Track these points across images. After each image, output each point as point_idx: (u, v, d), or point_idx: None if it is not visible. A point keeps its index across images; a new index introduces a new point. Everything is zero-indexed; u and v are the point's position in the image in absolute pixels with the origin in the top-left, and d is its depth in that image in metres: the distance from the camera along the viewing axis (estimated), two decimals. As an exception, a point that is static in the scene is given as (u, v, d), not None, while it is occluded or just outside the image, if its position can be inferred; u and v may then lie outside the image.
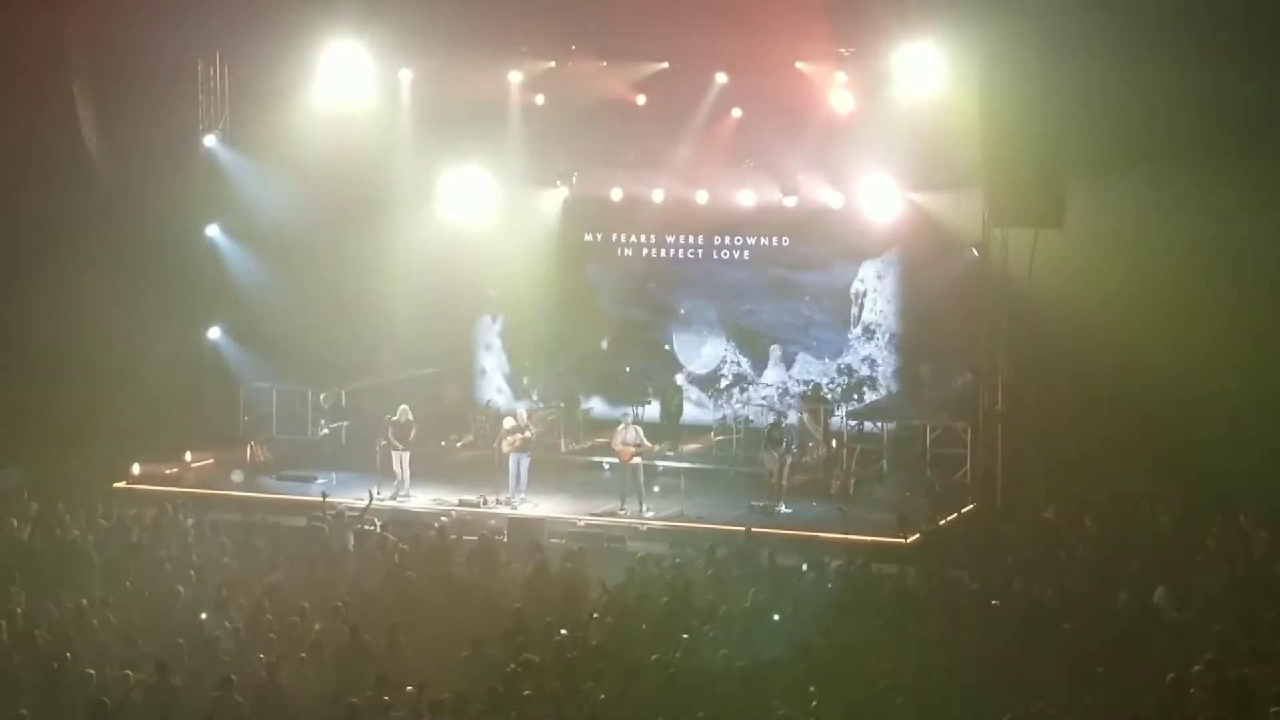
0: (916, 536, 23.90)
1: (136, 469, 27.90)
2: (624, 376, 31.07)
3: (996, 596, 19.63)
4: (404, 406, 27.21)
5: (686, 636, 17.93)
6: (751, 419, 29.27)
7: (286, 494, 27.15)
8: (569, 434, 30.23)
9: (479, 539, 22.80)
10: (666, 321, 31.43)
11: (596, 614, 19.04)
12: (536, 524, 24.75)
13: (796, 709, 15.83)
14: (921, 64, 26.03)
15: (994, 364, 26.63)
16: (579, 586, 20.35)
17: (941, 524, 24.73)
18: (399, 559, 21.53)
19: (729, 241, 30.81)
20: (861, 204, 28.98)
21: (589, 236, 31.63)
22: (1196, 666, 16.47)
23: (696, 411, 30.68)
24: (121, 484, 27.44)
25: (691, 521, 25.46)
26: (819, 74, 27.83)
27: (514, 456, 26.50)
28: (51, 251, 28.72)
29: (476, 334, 32.52)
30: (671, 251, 31.28)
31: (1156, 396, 25.05)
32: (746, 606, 18.98)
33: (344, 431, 30.19)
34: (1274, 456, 24.08)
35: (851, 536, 23.57)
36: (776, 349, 30.69)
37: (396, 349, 31.21)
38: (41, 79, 28.71)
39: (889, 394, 29.94)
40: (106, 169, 29.44)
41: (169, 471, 28.30)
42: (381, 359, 31.23)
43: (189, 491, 26.65)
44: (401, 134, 29.90)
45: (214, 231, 30.78)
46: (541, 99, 30.06)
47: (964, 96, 25.67)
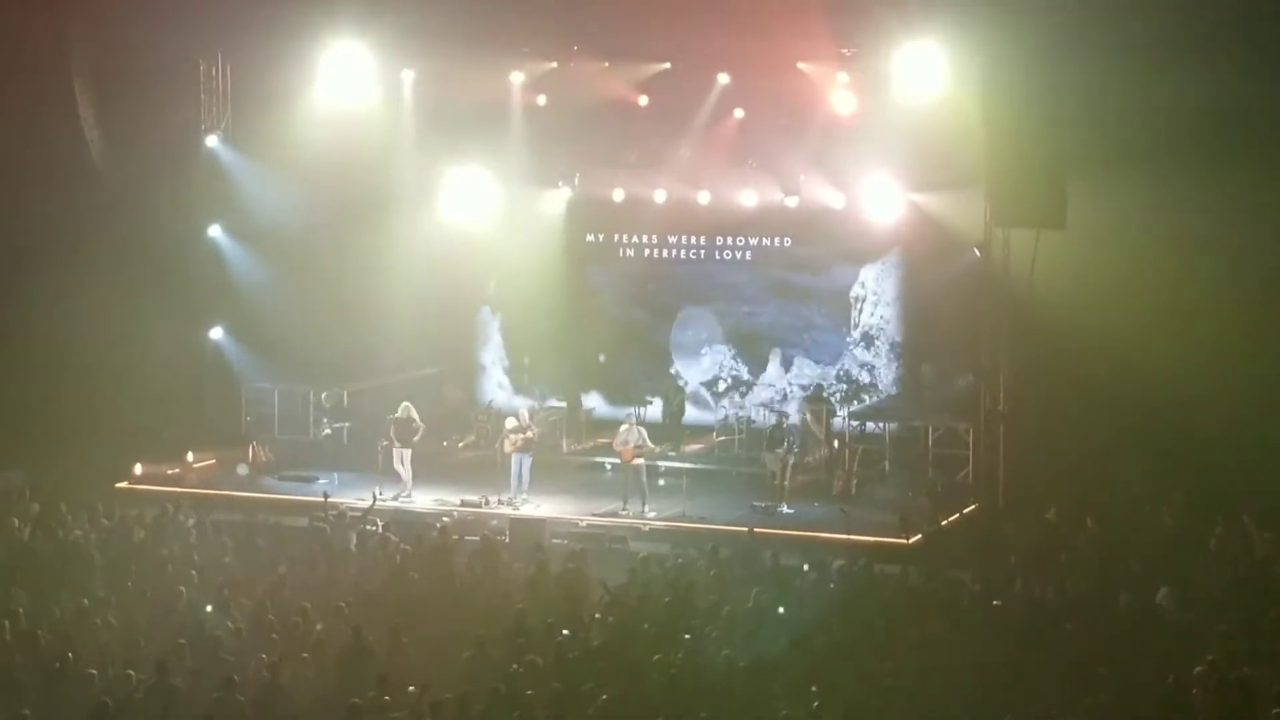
0: (918, 537, 23.87)
1: (138, 469, 27.88)
2: (625, 377, 31.10)
3: (998, 597, 19.61)
4: (406, 404, 27.18)
5: (689, 637, 17.92)
6: (754, 419, 29.28)
7: (288, 494, 27.15)
8: (571, 434, 30.24)
9: (481, 539, 22.80)
10: (667, 324, 31.45)
11: (598, 614, 19.03)
12: (538, 524, 24.73)
13: (799, 709, 15.82)
14: (923, 64, 25.98)
15: (996, 364, 26.61)
16: (581, 587, 20.32)
17: (943, 524, 24.71)
18: (401, 559, 21.52)
19: (731, 242, 30.86)
20: (863, 204, 28.98)
21: (591, 237, 31.67)
22: (1198, 667, 16.43)
23: (698, 412, 30.69)
24: (123, 484, 27.41)
25: (694, 522, 25.44)
26: (821, 74, 27.82)
27: (516, 457, 26.47)
28: (53, 252, 28.73)
29: (476, 327, 32.52)
30: (673, 252, 31.31)
31: (1158, 397, 25.05)
32: (749, 607, 18.97)
33: (345, 432, 30.20)
34: (1276, 456, 24.08)
35: (853, 537, 23.54)
36: (776, 352, 30.71)
37: (398, 349, 31.20)
38: (43, 79, 28.70)
39: (891, 395, 29.96)
40: (108, 169, 29.44)
41: (171, 472, 28.29)
42: (383, 359, 31.21)
43: (191, 492, 26.65)
44: (403, 134, 29.90)
45: (216, 231, 30.78)
46: (543, 99, 30.07)
47: (966, 97, 25.65)
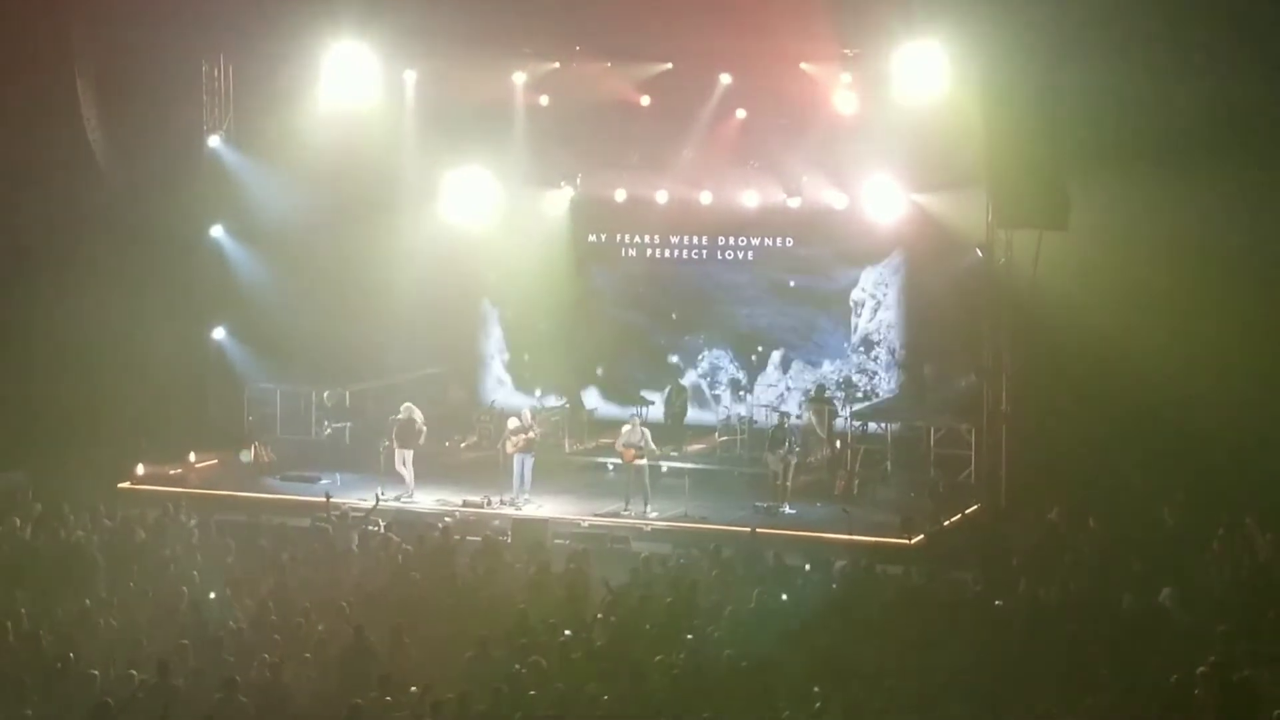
0: (920, 537, 23.86)
1: (140, 470, 27.89)
2: (626, 378, 31.11)
3: (1000, 597, 19.59)
4: (407, 404, 27.18)
5: (691, 637, 17.91)
6: (755, 420, 29.29)
7: (291, 494, 27.15)
8: (573, 434, 30.22)
9: (483, 540, 22.80)
10: (667, 327, 31.46)
11: (600, 614, 19.02)
12: (540, 525, 24.72)
13: (800, 710, 15.82)
14: (925, 64, 25.97)
15: (998, 365, 26.59)
16: (583, 587, 20.31)
17: (945, 525, 24.68)
18: (403, 560, 21.52)
19: (733, 242, 30.86)
20: (865, 205, 28.97)
21: (593, 237, 31.67)
22: (1201, 668, 16.40)
23: (700, 412, 30.69)
24: (125, 485, 27.44)
25: (696, 522, 25.43)
26: (823, 74, 27.80)
27: (518, 457, 26.47)
28: (56, 252, 28.78)
29: (477, 322, 32.52)
30: (675, 252, 31.32)
31: (1160, 397, 25.04)
32: (751, 607, 18.96)
33: (348, 432, 30.25)
34: (1278, 457, 24.06)
35: (855, 537, 23.55)
36: (776, 355, 30.71)
37: (400, 349, 31.20)
38: (46, 79, 28.72)
39: (893, 395, 29.94)
40: (111, 170, 29.46)
41: (173, 472, 28.31)
42: (385, 359, 31.22)
43: (193, 492, 26.67)
44: (406, 135, 29.90)
45: (218, 232, 30.79)
46: (546, 100, 30.08)
47: (967, 97, 25.64)
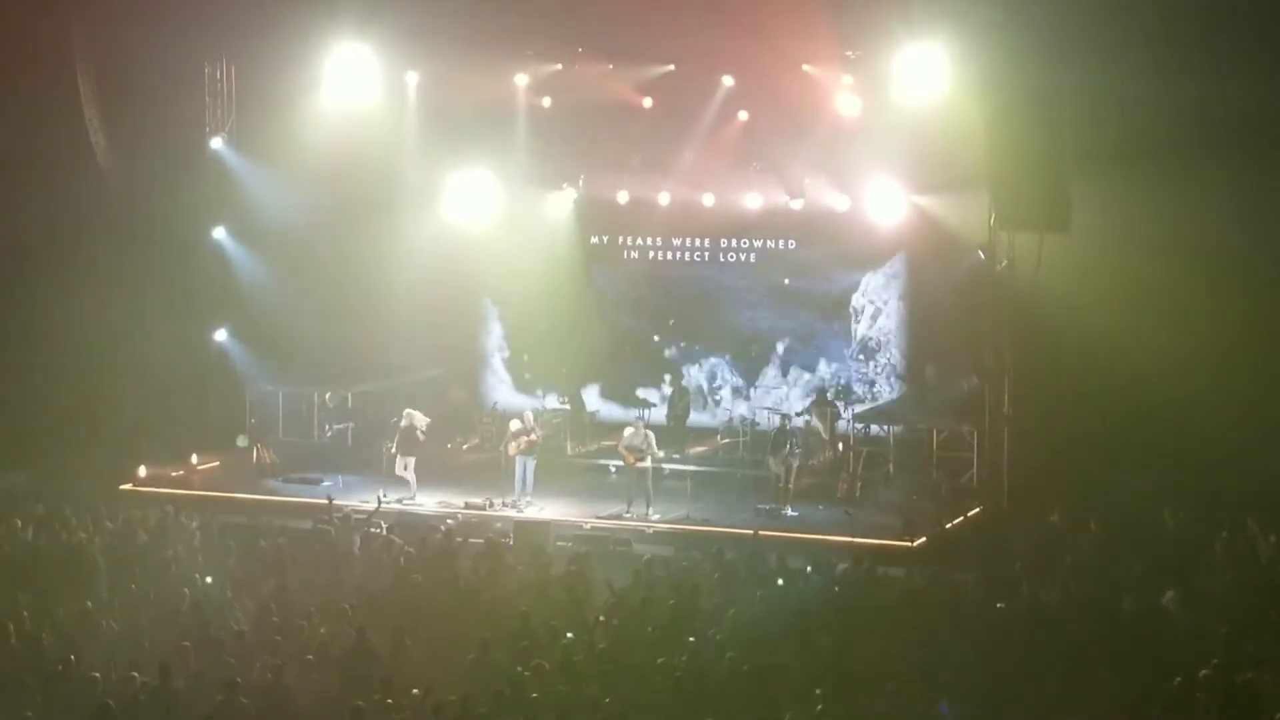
0: (923, 539, 23.88)
1: (142, 471, 27.88)
2: (627, 379, 31.10)
3: (1002, 600, 19.58)
4: (408, 411, 27.18)
5: (693, 639, 17.90)
6: (758, 422, 29.27)
7: (293, 496, 27.15)
8: (575, 436, 30.21)
9: (485, 542, 22.79)
10: (667, 331, 31.45)
11: (603, 617, 19.00)
12: (542, 527, 24.72)
13: (802, 712, 15.81)
14: (927, 66, 25.94)
15: (1000, 367, 26.57)
16: (585, 589, 20.30)
17: (948, 527, 24.67)
18: (405, 562, 21.52)
19: (735, 244, 30.85)
20: (867, 207, 28.95)
21: (595, 239, 31.66)
22: (1203, 671, 16.41)
23: (702, 415, 30.67)
24: (127, 486, 27.42)
25: (698, 524, 25.42)
26: (825, 76, 27.78)
27: (520, 459, 26.45)
28: (58, 253, 28.77)
29: (478, 320, 32.51)
30: (678, 254, 31.30)
31: (1163, 399, 25.02)
32: (754, 610, 18.95)
33: (350, 433, 30.23)
34: (1280, 458, 24.10)
35: (858, 539, 23.54)
36: (776, 359, 30.70)
37: (402, 351, 31.20)
38: (48, 80, 28.72)
39: (895, 398, 29.93)
40: (113, 171, 29.45)
41: (175, 474, 28.31)
42: (387, 361, 31.21)
43: (195, 494, 26.66)
44: (407, 136, 29.89)
45: (220, 234, 30.79)
46: (548, 101, 30.07)
47: (969, 99, 25.61)
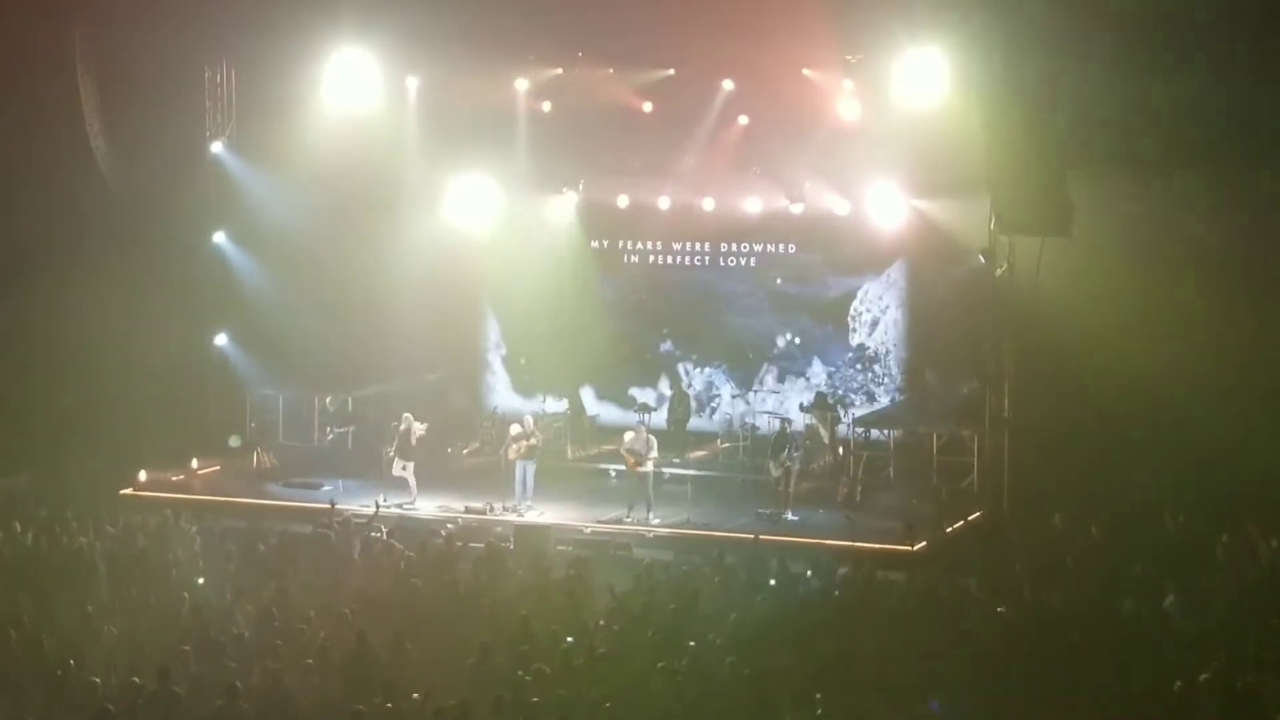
0: (923, 544, 23.86)
1: (143, 476, 27.89)
2: (627, 381, 31.11)
3: (1003, 604, 19.58)
4: (406, 415, 27.17)
5: (693, 644, 17.88)
6: (758, 426, 29.27)
7: (293, 500, 27.15)
8: (575, 441, 30.21)
9: (485, 546, 22.79)
10: (666, 335, 31.45)
11: (603, 621, 18.99)
12: (543, 531, 24.70)
13: (803, 716, 15.80)
14: (927, 70, 25.94)
15: (1001, 371, 26.54)
16: (585, 594, 20.29)
17: (948, 531, 24.70)
18: (405, 566, 21.51)
19: (735, 249, 30.87)
20: (868, 211, 28.97)
21: (595, 244, 31.69)
22: (1204, 675, 16.41)
23: (703, 419, 30.66)
24: (128, 491, 27.41)
25: (698, 529, 25.40)
26: (825, 81, 27.82)
27: (520, 463, 26.42)
28: (58, 258, 28.73)
29: (478, 323, 32.51)
30: (678, 259, 31.33)
31: (1164, 403, 25.00)
32: (754, 614, 18.94)
33: (350, 437, 30.23)
34: (1281, 462, 24.07)
35: (858, 544, 23.48)
36: (774, 365, 30.71)
37: (403, 355, 31.23)
38: (49, 85, 28.72)
39: (896, 402, 29.93)
40: (113, 175, 29.46)
41: (175, 478, 28.32)
42: (388, 365, 31.23)
43: (195, 498, 26.65)
44: (408, 141, 29.93)
45: (220, 238, 30.82)
46: (548, 106, 30.13)
47: (969, 103, 25.59)
